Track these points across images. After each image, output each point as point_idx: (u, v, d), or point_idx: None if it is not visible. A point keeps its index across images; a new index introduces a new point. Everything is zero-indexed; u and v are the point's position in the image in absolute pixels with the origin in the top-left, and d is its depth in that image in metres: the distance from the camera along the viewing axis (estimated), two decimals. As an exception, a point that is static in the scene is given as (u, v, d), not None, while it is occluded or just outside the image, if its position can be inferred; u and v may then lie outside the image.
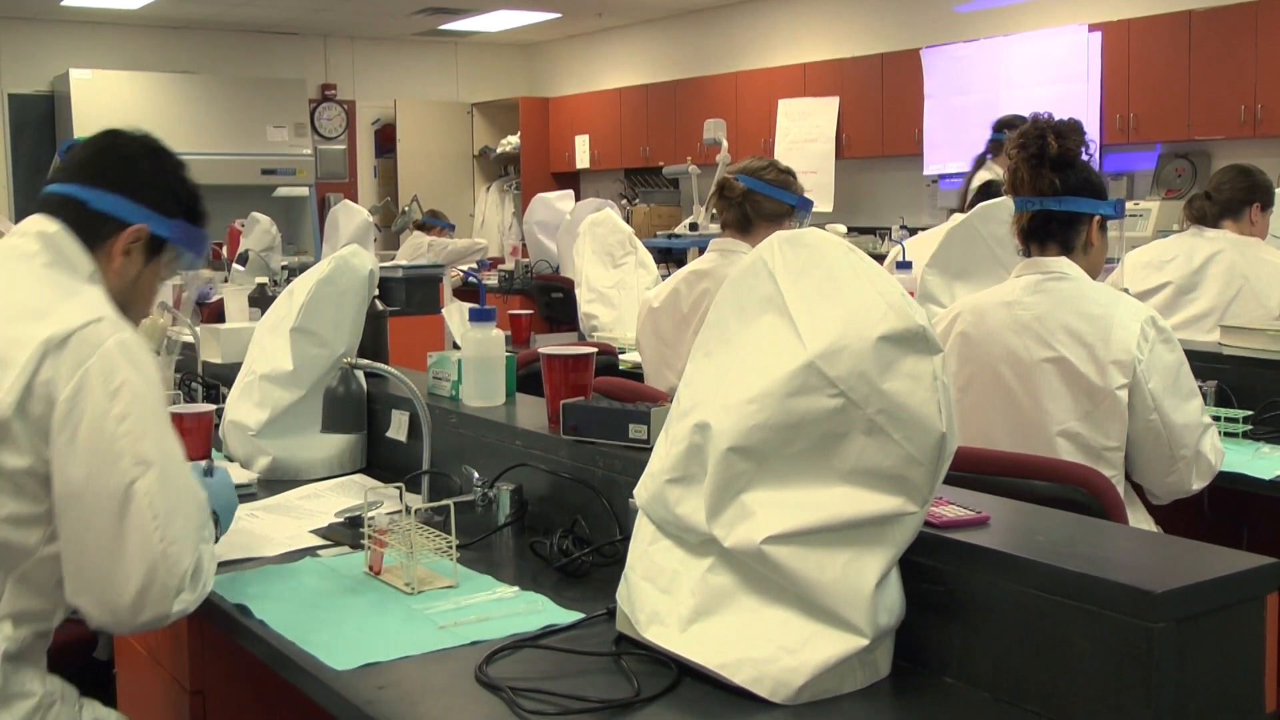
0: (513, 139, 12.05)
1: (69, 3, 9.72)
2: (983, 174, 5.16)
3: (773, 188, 3.32)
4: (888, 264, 5.27)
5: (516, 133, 11.99)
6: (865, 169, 9.27)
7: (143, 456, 1.67)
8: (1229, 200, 3.94)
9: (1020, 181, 2.52)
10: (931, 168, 8.42)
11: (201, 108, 10.46)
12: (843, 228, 7.15)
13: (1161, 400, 2.36)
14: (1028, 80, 7.88)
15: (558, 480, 2.26)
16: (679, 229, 8.42)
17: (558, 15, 10.68)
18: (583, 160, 11.56)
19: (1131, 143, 7.45)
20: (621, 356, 4.34)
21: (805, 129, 9.27)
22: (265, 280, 5.12)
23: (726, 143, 7.45)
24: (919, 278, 3.95)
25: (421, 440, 2.52)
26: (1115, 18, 7.47)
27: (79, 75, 9.98)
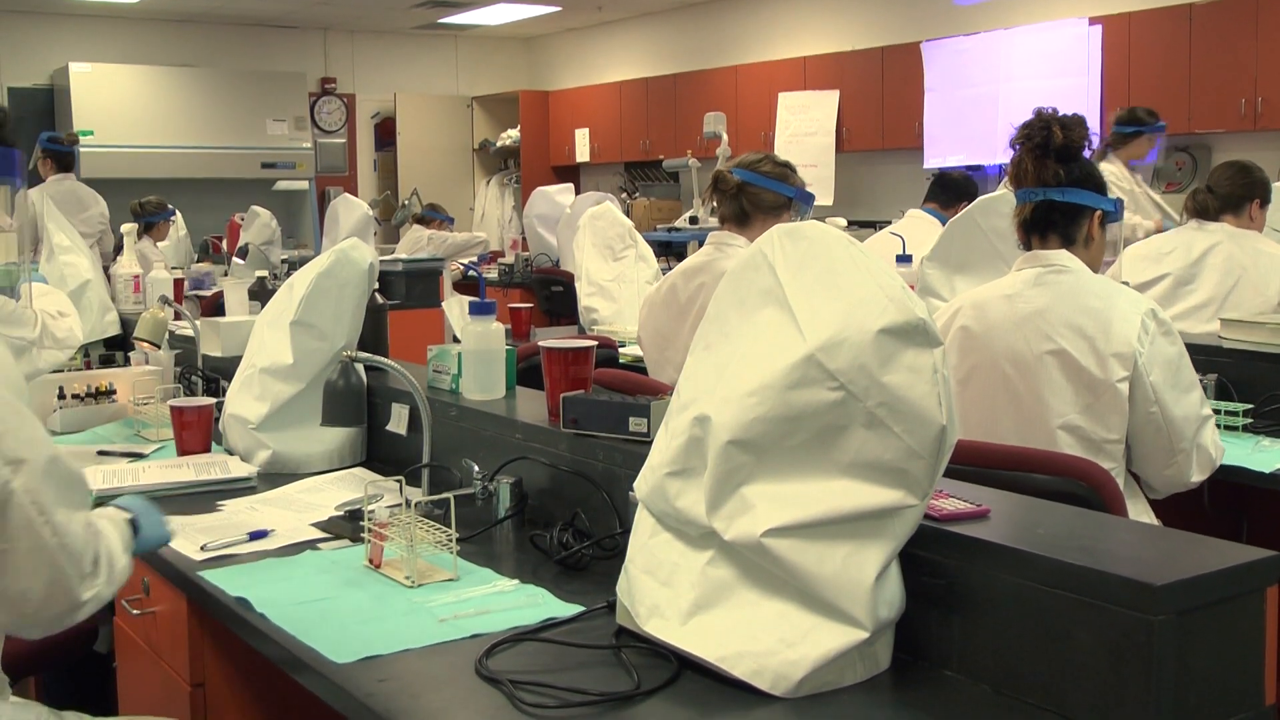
0: (513, 132, 12.03)
1: (68, -4, 9.73)
2: (1104, 166, 5.12)
3: (768, 180, 3.28)
4: (881, 235, 5.28)
5: (516, 126, 11.97)
6: (865, 162, 9.26)
7: (11, 455, 1.54)
8: (1229, 195, 4.01)
9: (1024, 173, 2.51)
10: (932, 161, 8.40)
11: (201, 101, 10.47)
12: (843, 221, 7.12)
13: (1162, 393, 2.36)
14: (1028, 74, 7.87)
15: (558, 473, 2.26)
16: (679, 222, 8.43)
17: (558, 8, 10.67)
18: (583, 154, 11.55)
19: (1132, 136, 7.44)
20: (621, 350, 4.34)
21: (805, 122, 9.26)
22: (265, 274, 5.12)
23: (726, 136, 7.45)
24: (919, 271, 3.95)
25: (421, 433, 2.52)
26: (1115, 11, 7.46)
27: (78, 68, 9.98)
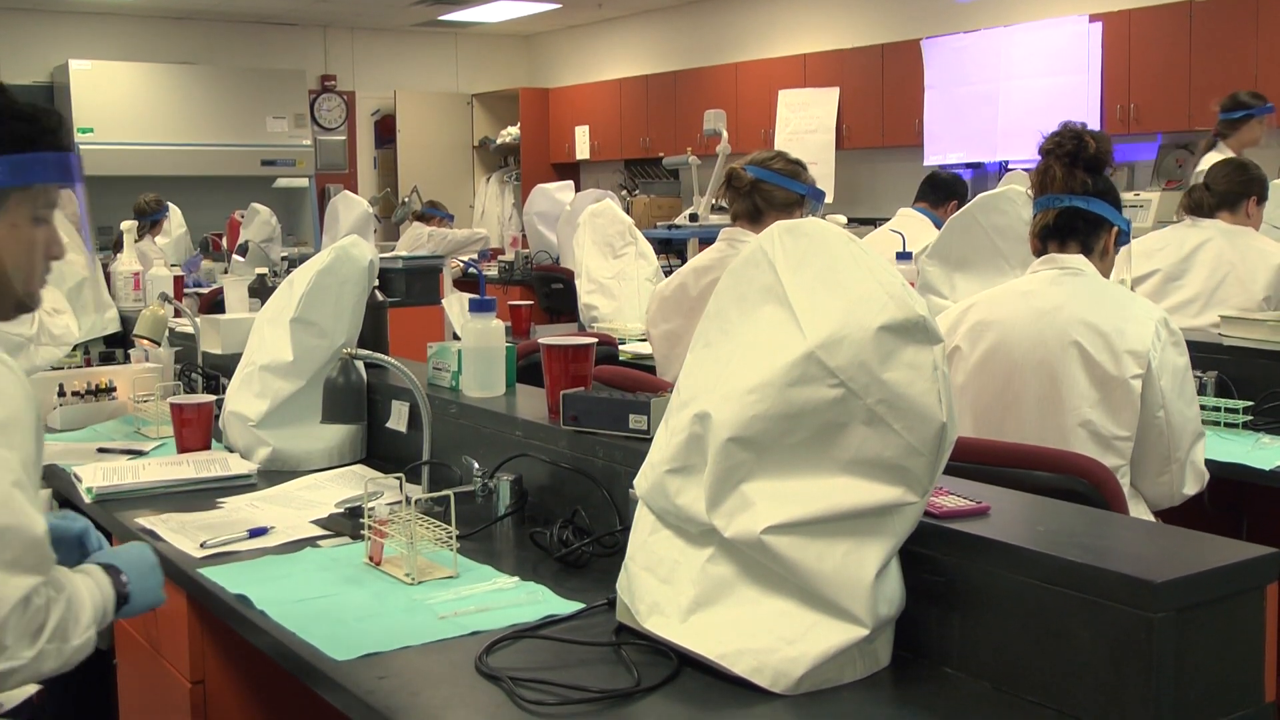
0: (513, 130, 12.03)
1: (68, -7, 9.72)
2: (1213, 155, 5.10)
3: (781, 177, 3.29)
4: (877, 234, 5.26)
5: (516, 123, 11.97)
6: (865, 160, 9.26)
7: None
8: (1227, 193, 4.02)
9: (1051, 179, 2.55)
10: (932, 159, 8.39)
11: (201, 98, 10.46)
12: (843, 218, 7.13)
13: (1170, 399, 2.40)
14: (1028, 71, 7.87)
15: (558, 471, 2.26)
16: (679, 220, 8.42)
17: (558, 6, 10.66)
18: (583, 151, 11.54)
19: (1132, 133, 7.44)
20: (622, 347, 4.34)
21: (805, 120, 9.25)
22: (265, 271, 5.12)
23: (726, 133, 7.44)
24: (919, 268, 3.95)
25: (421, 431, 2.52)
26: (1116, 8, 7.45)
27: (78, 66, 9.97)
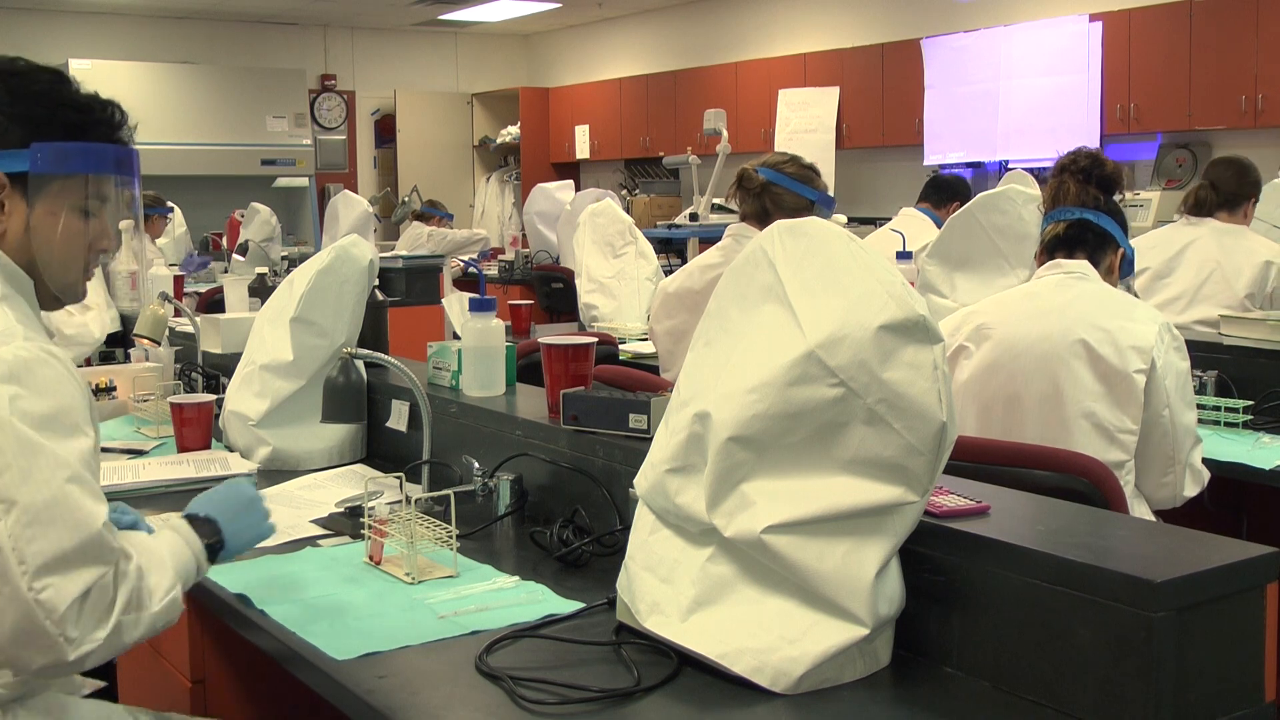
0: (513, 129, 12.03)
1: (68, -8, 9.71)
2: None
3: (793, 181, 3.27)
4: (878, 234, 5.24)
5: (516, 123, 11.97)
6: (866, 159, 9.26)
7: (2, 495, 1.46)
8: (1233, 194, 4.07)
9: (1065, 193, 2.61)
10: (932, 158, 8.40)
11: (201, 98, 10.46)
12: (843, 218, 7.13)
13: (1173, 398, 2.42)
14: (1028, 70, 7.87)
15: (558, 470, 2.26)
16: (679, 219, 8.41)
17: (558, 5, 10.66)
18: (583, 150, 11.54)
19: (1132, 133, 7.44)
20: (622, 347, 4.34)
21: (805, 119, 9.25)
22: (265, 270, 5.12)
23: (726, 133, 7.43)
24: (919, 267, 3.95)
25: (421, 430, 2.52)
26: (1116, 8, 7.45)
27: (78, 65, 9.94)
